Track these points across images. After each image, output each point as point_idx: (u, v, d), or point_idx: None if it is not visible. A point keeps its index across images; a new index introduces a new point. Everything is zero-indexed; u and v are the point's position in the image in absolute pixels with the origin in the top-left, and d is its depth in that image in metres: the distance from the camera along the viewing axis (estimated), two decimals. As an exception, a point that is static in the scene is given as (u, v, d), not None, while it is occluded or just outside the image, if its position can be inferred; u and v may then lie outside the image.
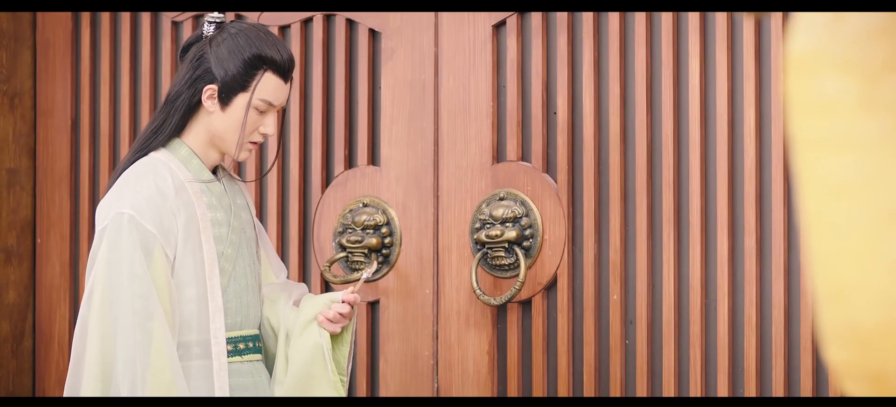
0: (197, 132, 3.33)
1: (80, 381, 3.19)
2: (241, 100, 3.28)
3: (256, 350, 3.40)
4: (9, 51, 4.43)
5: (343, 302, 3.37)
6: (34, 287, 4.49)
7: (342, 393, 3.40)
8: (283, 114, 3.43)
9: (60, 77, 4.44)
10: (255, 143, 3.33)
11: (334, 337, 3.40)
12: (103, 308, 3.17)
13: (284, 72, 3.30)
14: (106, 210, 3.23)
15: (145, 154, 3.31)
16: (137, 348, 3.14)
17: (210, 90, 3.28)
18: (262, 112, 3.30)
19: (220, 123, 3.30)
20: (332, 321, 3.36)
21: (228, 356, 3.30)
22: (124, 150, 4.33)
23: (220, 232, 3.33)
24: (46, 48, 4.46)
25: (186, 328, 3.25)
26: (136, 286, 3.15)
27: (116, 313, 3.15)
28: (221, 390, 3.27)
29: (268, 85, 3.29)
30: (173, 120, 3.30)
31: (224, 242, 3.33)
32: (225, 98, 3.28)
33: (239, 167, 4.10)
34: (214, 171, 3.40)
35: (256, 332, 3.42)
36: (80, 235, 4.42)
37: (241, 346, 3.35)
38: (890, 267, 1.16)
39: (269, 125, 3.31)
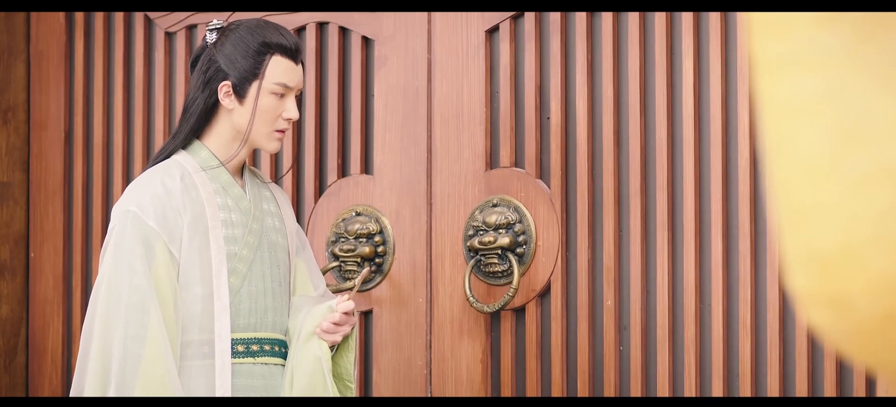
0: (219, 133, 3.39)
1: (86, 375, 3.25)
2: (255, 88, 3.34)
3: (277, 354, 3.39)
4: (2, 64, 4.42)
5: (336, 311, 3.35)
6: (27, 301, 4.46)
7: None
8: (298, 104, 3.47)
9: (54, 90, 4.42)
10: (281, 130, 3.39)
11: (339, 344, 3.40)
12: (108, 303, 3.24)
13: (292, 53, 3.38)
14: (116, 210, 3.32)
15: (167, 158, 3.38)
16: (130, 342, 3.19)
17: (225, 87, 3.35)
18: (280, 96, 3.36)
19: (241, 117, 3.36)
20: (327, 332, 3.35)
21: (239, 357, 3.32)
22: (118, 162, 4.32)
23: (233, 233, 3.35)
24: (40, 60, 4.44)
25: (192, 327, 3.28)
26: (135, 281, 3.22)
27: (117, 308, 3.22)
28: (223, 389, 3.28)
29: (278, 68, 3.35)
30: (189, 124, 3.38)
31: (238, 243, 3.36)
32: (240, 91, 3.35)
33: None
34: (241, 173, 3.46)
35: (278, 336, 3.41)
36: (73, 248, 4.39)
37: (255, 347, 3.35)
38: (852, 187, 1.13)
39: (291, 109, 3.37)
